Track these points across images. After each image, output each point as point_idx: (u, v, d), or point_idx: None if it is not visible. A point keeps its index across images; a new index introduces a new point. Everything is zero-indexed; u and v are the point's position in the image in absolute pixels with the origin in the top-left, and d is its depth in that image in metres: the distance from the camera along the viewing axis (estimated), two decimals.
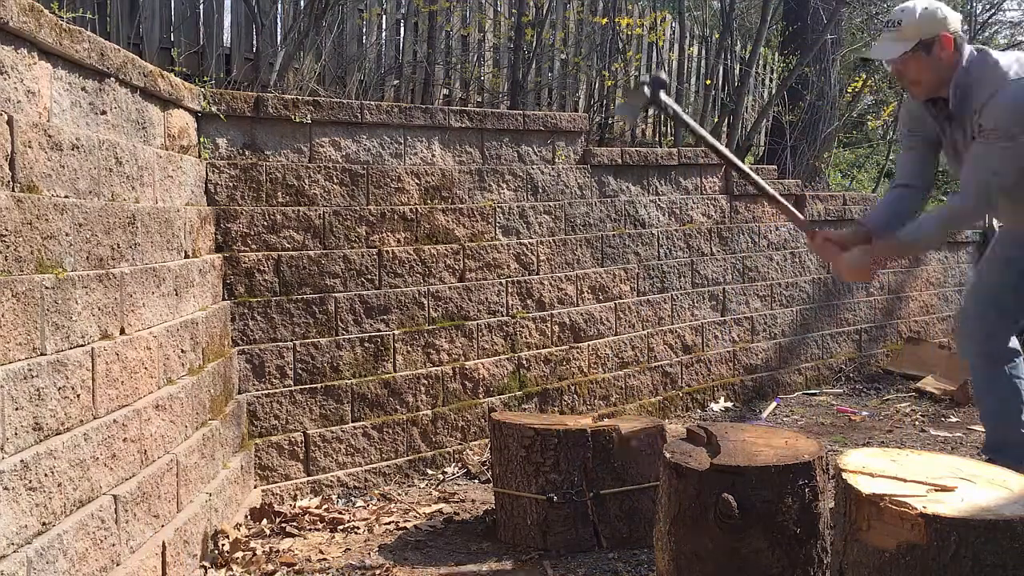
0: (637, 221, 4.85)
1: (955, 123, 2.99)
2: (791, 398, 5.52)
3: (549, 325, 4.42)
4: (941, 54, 2.85)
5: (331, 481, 3.65)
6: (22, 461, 1.80)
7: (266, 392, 3.49)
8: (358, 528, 3.24)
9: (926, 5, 2.88)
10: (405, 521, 3.31)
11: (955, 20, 2.88)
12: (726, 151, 3.18)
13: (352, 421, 3.72)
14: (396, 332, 3.84)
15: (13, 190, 1.86)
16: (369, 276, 3.76)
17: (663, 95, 2.94)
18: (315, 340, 3.60)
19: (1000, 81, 2.79)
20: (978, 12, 9.88)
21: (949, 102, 2.92)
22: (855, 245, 3.08)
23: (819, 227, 3.10)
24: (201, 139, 3.30)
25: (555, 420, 3.18)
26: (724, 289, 5.31)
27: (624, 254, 4.78)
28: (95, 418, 2.16)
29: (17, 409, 1.81)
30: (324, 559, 2.93)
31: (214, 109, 3.30)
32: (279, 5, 4.71)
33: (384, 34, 5.28)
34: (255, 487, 3.45)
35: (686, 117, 3.08)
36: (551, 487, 2.95)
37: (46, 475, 1.90)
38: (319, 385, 3.62)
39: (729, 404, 5.25)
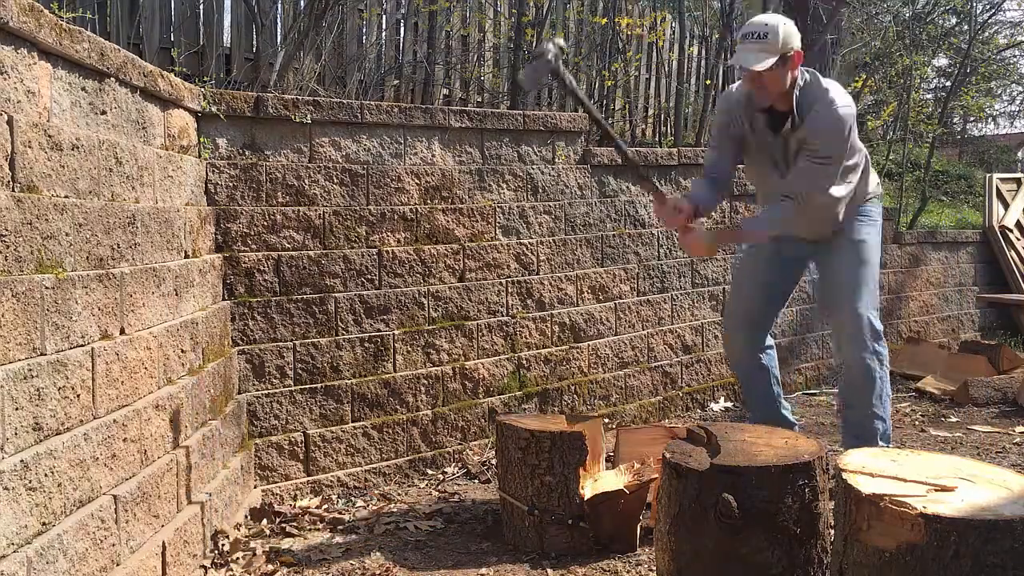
0: (637, 221, 4.85)
1: (779, 135, 3.30)
2: (791, 398, 5.52)
3: (549, 325, 4.42)
4: (792, 69, 3.17)
5: (331, 481, 3.65)
6: (22, 461, 1.81)
7: (266, 392, 3.49)
8: (358, 528, 3.24)
9: (784, 22, 3.16)
10: (405, 521, 3.31)
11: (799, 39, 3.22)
12: (598, 116, 3.42)
13: (352, 421, 3.72)
14: (396, 332, 3.84)
15: (13, 190, 1.86)
16: (369, 276, 3.76)
17: (561, 67, 3.10)
18: (315, 340, 3.60)
19: (828, 107, 3.16)
20: (978, 12, 9.88)
21: (792, 116, 3.23)
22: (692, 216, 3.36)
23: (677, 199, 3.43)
24: (201, 139, 3.30)
25: (557, 421, 3.17)
26: (724, 289, 5.30)
27: (624, 254, 4.78)
28: (95, 418, 2.16)
29: (17, 409, 1.81)
30: (324, 559, 2.93)
31: (214, 109, 3.30)
32: (279, 5, 4.70)
33: (384, 34, 5.28)
34: (255, 487, 3.45)
35: (579, 92, 3.30)
36: (546, 489, 2.95)
37: (46, 475, 1.90)
38: (319, 385, 3.62)
39: (729, 404, 5.25)
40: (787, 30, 3.15)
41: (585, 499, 2.93)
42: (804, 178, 3.25)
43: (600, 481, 3.03)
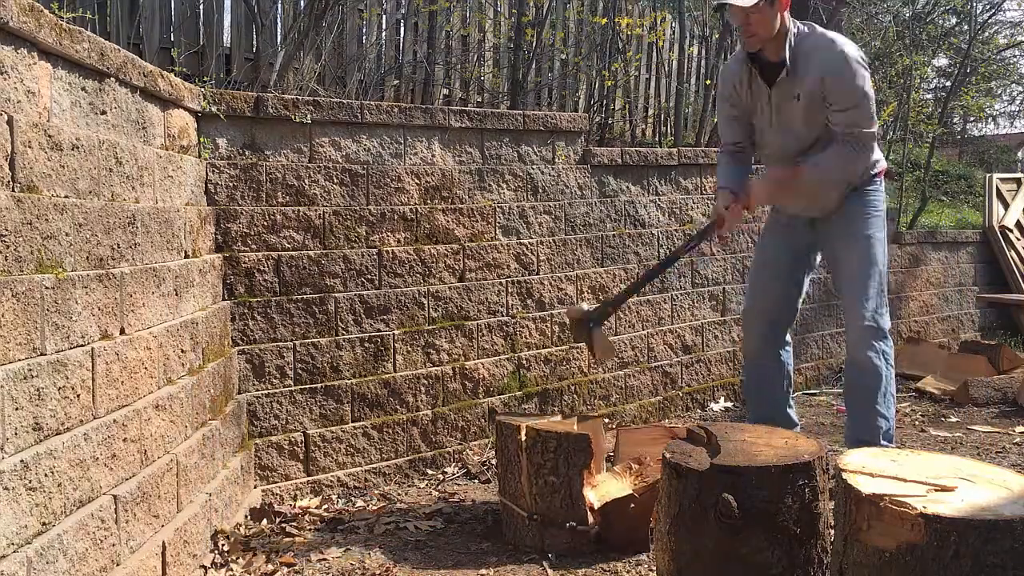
0: (637, 221, 4.85)
1: (781, 85, 3.31)
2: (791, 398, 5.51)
3: (549, 325, 4.41)
4: (781, 11, 3.21)
5: (331, 481, 3.65)
6: (22, 461, 1.80)
7: (266, 392, 3.49)
8: (358, 528, 3.24)
9: None
10: (405, 521, 3.31)
11: None
12: (644, 278, 3.84)
13: (352, 421, 3.72)
14: (396, 332, 3.84)
15: (13, 190, 1.86)
16: (369, 276, 3.76)
17: (596, 325, 3.41)
18: (315, 340, 3.60)
19: (836, 50, 3.19)
20: (978, 12, 9.88)
21: (786, 64, 3.25)
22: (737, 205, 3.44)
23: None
24: (201, 139, 3.30)
25: (557, 421, 3.17)
26: (724, 289, 5.31)
27: (624, 254, 4.78)
28: (95, 418, 2.16)
29: (17, 409, 1.81)
30: (324, 559, 2.93)
31: (214, 109, 3.30)
32: (279, 5, 4.70)
33: (384, 34, 5.28)
34: (255, 487, 3.45)
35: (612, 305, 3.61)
36: (549, 489, 2.94)
37: (46, 475, 1.90)
38: (319, 385, 3.62)
39: (729, 404, 5.25)
40: None
41: (595, 508, 2.92)
42: (845, 124, 3.23)
43: (601, 485, 3.02)
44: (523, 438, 3.00)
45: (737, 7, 3.15)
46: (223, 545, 2.92)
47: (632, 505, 2.90)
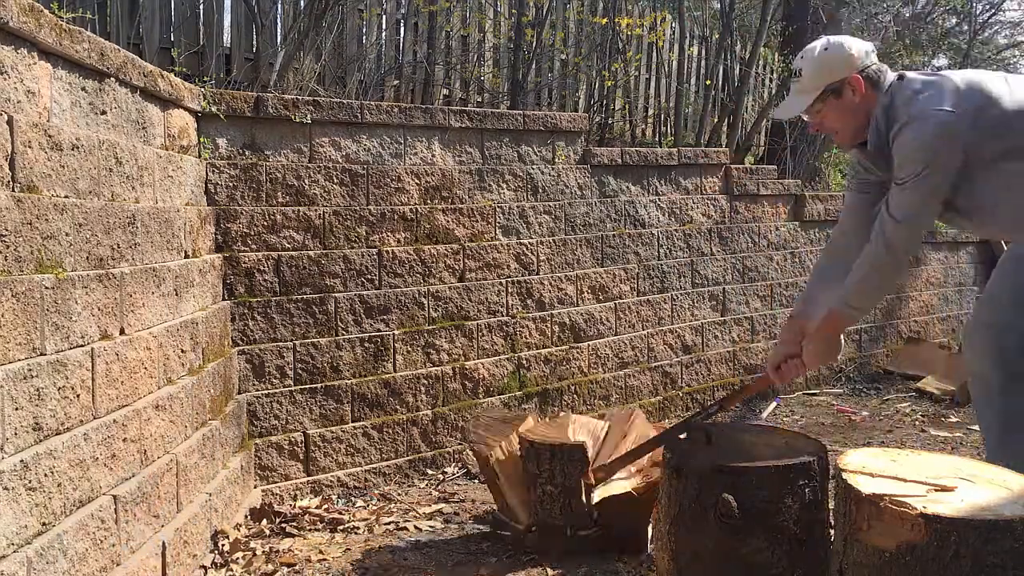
0: (637, 221, 4.85)
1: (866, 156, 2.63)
2: (791, 398, 5.52)
3: (549, 325, 4.41)
4: (854, 97, 2.49)
5: (331, 481, 3.65)
6: (22, 461, 1.80)
7: (266, 392, 3.49)
8: (358, 528, 3.24)
9: (826, 44, 2.52)
10: (405, 521, 3.31)
11: (861, 54, 2.50)
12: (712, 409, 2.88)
13: (352, 421, 3.72)
14: (396, 332, 3.84)
15: (13, 190, 1.86)
16: (369, 276, 3.76)
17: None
18: (315, 340, 3.60)
19: (904, 116, 2.41)
20: (978, 12, 9.88)
21: (867, 143, 2.53)
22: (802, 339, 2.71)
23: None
24: (201, 139, 3.30)
25: (546, 424, 3.17)
26: (724, 289, 5.30)
27: (624, 254, 4.78)
28: (95, 418, 2.16)
29: (17, 409, 1.81)
30: (324, 559, 2.93)
31: (214, 109, 3.30)
32: (279, 5, 4.70)
33: (384, 34, 5.28)
34: (255, 487, 3.45)
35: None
36: (548, 498, 2.93)
37: (46, 475, 1.90)
38: (319, 385, 3.62)
39: None
40: (827, 56, 2.48)
41: (594, 503, 2.91)
42: (888, 212, 2.45)
43: (608, 484, 3.01)
44: (494, 461, 3.02)
45: (802, 114, 2.57)
46: (223, 545, 2.92)
47: (631, 503, 2.90)
